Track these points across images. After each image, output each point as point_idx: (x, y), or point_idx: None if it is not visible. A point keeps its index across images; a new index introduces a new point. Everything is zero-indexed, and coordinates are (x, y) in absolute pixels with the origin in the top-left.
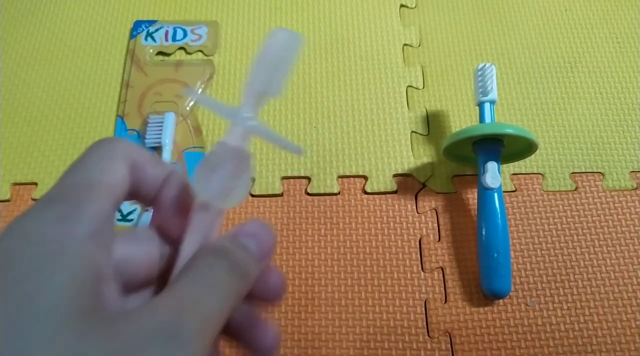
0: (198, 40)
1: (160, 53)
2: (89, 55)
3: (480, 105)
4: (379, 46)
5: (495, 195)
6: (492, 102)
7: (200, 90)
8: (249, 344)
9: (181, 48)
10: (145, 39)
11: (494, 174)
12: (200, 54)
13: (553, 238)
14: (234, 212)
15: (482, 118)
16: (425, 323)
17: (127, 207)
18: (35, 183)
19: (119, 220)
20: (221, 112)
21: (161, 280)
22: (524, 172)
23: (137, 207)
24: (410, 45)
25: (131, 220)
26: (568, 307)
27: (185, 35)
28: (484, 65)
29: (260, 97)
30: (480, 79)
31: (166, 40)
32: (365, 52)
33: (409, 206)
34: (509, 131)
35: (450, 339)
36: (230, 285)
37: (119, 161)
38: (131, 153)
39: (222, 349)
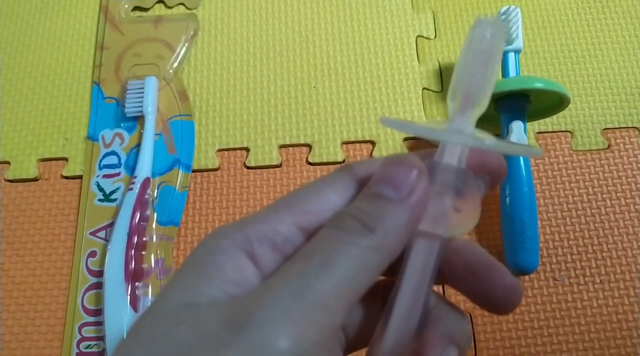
0: None
1: (136, 8)
2: (58, 14)
3: (504, 55)
4: None
5: (521, 158)
6: (517, 52)
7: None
8: (478, 295)
9: (160, 1)
10: None
11: (519, 135)
12: (181, 7)
13: (584, 204)
14: (227, 187)
15: (505, 70)
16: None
17: (109, 185)
18: (8, 162)
19: (100, 200)
20: (434, 135)
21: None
22: (550, 130)
23: (121, 184)
24: None
25: (115, 199)
26: (601, 281)
27: None
28: (508, 8)
29: (471, 101)
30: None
31: None
32: None
33: None
34: (539, 85)
35: (472, 320)
36: (350, 241)
37: None
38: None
39: None
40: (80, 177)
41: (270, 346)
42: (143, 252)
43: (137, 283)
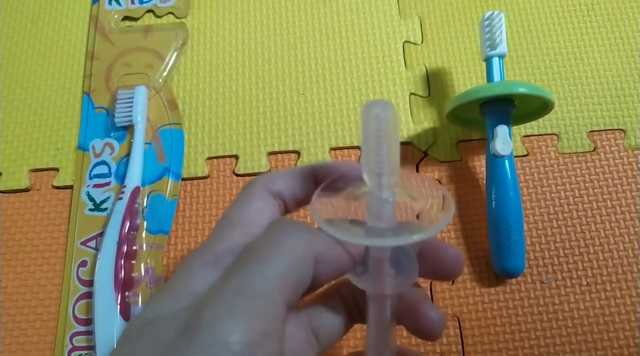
0: (168, 1)
1: (126, 18)
2: (49, 25)
3: (488, 60)
4: None
5: (506, 162)
6: (502, 57)
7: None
8: (411, 326)
9: (149, 11)
10: (109, 2)
11: (504, 139)
12: (171, 16)
13: (570, 207)
14: (219, 197)
15: (490, 75)
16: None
17: (99, 195)
18: None
19: (91, 210)
20: (357, 240)
21: None
22: (536, 133)
23: (111, 194)
24: None
25: (105, 209)
26: (588, 283)
27: None
28: (492, 14)
29: (382, 175)
30: (487, 29)
31: (132, 2)
32: (355, 5)
33: None
34: (522, 90)
35: (459, 323)
36: (291, 243)
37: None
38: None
39: None
40: (71, 187)
41: (222, 342)
42: (133, 261)
43: (127, 292)
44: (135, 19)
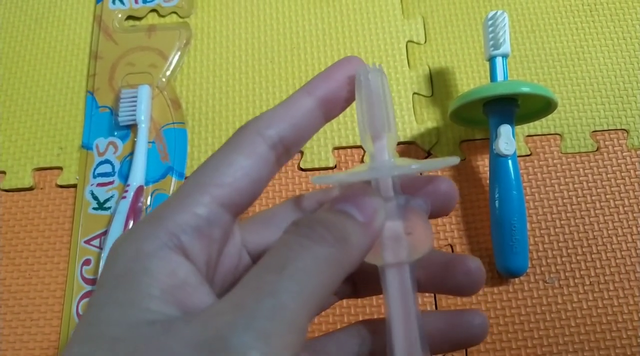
0: (171, 1)
1: (130, 17)
2: (53, 24)
3: (491, 60)
4: None
5: (509, 162)
6: (505, 56)
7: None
8: (444, 286)
9: (153, 10)
10: (113, 2)
11: (507, 139)
12: (174, 15)
13: (573, 206)
14: None
15: (493, 75)
16: (434, 306)
17: (103, 193)
18: (3, 172)
19: (94, 208)
20: (361, 177)
21: None
22: (539, 133)
23: (115, 193)
24: None
25: (108, 208)
26: (591, 282)
27: None
28: (495, 13)
29: (379, 136)
30: (491, 29)
31: (136, 2)
32: (358, 4)
33: None
34: (525, 90)
35: None
36: (321, 258)
37: (250, 146)
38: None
39: None
40: (74, 186)
41: None
42: None
43: None
44: (139, 19)
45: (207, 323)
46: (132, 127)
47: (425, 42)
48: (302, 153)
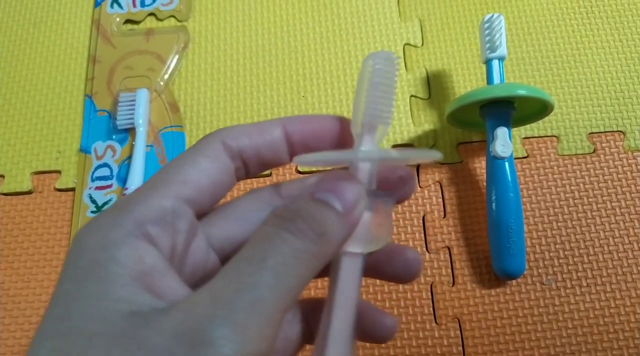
0: (169, 4)
1: (128, 21)
2: (51, 28)
3: (488, 62)
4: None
5: (506, 164)
6: (501, 59)
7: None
8: (383, 272)
9: (151, 14)
10: (111, 5)
11: (504, 141)
12: (172, 19)
13: (570, 208)
14: None
15: (489, 77)
16: (432, 309)
17: (101, 197)
18: (2, 176)
19: (93, 212)
20: (340, 159)
21: None
22: (536, 135)
23: (113, 196)
24: None
25: None
26: (588, 284)
27: None
28: (491, 16)
29: (373, 128)
30: (487, 32)
31: (134, 6)
32: (356, 7)
33: None
34: (522, 92)
35: (460, 325)
36: (301, 252)
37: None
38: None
39: None
40: (73, 190)
41: None
42: None
43: None
44: (137, 22)
45: (186, 314)
46: (130, 131)
47: (423, 44)
48: None
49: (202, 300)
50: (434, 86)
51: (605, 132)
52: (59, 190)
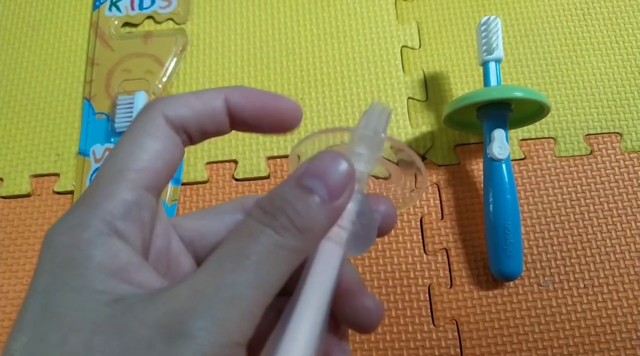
0: (168, 7)
1: (126, 24)
2: (50, 31)
3: (485, 64)
4: (368, 2)
5: (503, 166)
6: (498, 61)
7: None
8: (344, 315)
9: (149, 17)
10: (110, 8)
11: (501, 143)
12: (170, 22)
13: (567, 210)
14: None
15: (486, 79)
16: (429, 310)
17: None
18: (1, 179)
19: None
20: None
21: None
22: (533, 137)
23: None
24: None
25: None
26: (585, 285)
27: (153, 1)
28: (488, 19)
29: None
30: (484, 34)
31: (132, 9)
32: (353, 10)
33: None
34: (518, 94)
35: (457, 327)
36: (283, 249)
37: (154, 130)
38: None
39: None
40: (71, 192)
41: (210, 354)
42: None
43: None
44: (135, 25)
45: (167, 305)
46: None
47: (420, 47)
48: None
49: (184, 293)
50: (431, 88)
51: (602, 133)
52: (58, 193)
